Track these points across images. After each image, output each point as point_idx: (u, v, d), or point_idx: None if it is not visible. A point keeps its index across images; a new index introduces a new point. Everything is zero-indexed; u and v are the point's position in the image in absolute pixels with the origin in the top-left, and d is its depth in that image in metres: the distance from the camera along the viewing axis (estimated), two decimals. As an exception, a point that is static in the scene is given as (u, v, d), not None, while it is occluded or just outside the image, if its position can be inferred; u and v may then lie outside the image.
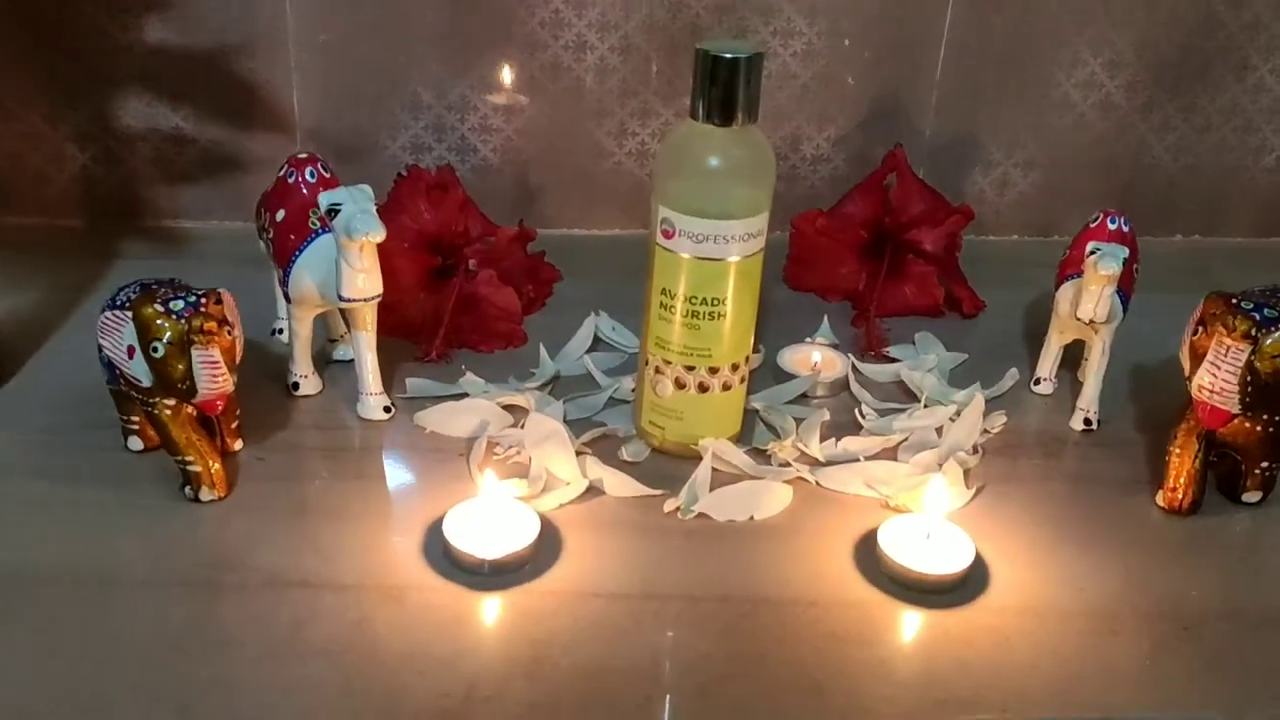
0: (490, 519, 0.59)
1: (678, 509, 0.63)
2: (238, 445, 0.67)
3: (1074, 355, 0.78)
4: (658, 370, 0.66)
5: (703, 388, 0.66)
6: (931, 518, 0.62)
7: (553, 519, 0.62)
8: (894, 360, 0.81)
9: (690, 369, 0.65)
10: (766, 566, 0.60)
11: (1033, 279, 0.89)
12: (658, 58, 0.93)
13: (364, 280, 0.66)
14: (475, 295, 0.80)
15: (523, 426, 0.67)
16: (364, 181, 0.65)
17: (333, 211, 0.64)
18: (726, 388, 0.67)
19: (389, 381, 0.73)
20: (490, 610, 0.56)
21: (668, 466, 0.67)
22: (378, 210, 0.64)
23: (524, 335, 0.81)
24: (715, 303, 0.63)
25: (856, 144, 0.98)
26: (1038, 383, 0.79)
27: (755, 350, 0.73)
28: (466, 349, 0.79)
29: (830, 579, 0.59)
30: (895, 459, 0.69)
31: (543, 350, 0.77)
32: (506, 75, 0.92)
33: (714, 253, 0.62)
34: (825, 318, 0.85)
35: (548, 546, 0.60)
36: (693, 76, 0.61)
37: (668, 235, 0.63)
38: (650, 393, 0.67)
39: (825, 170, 0.99)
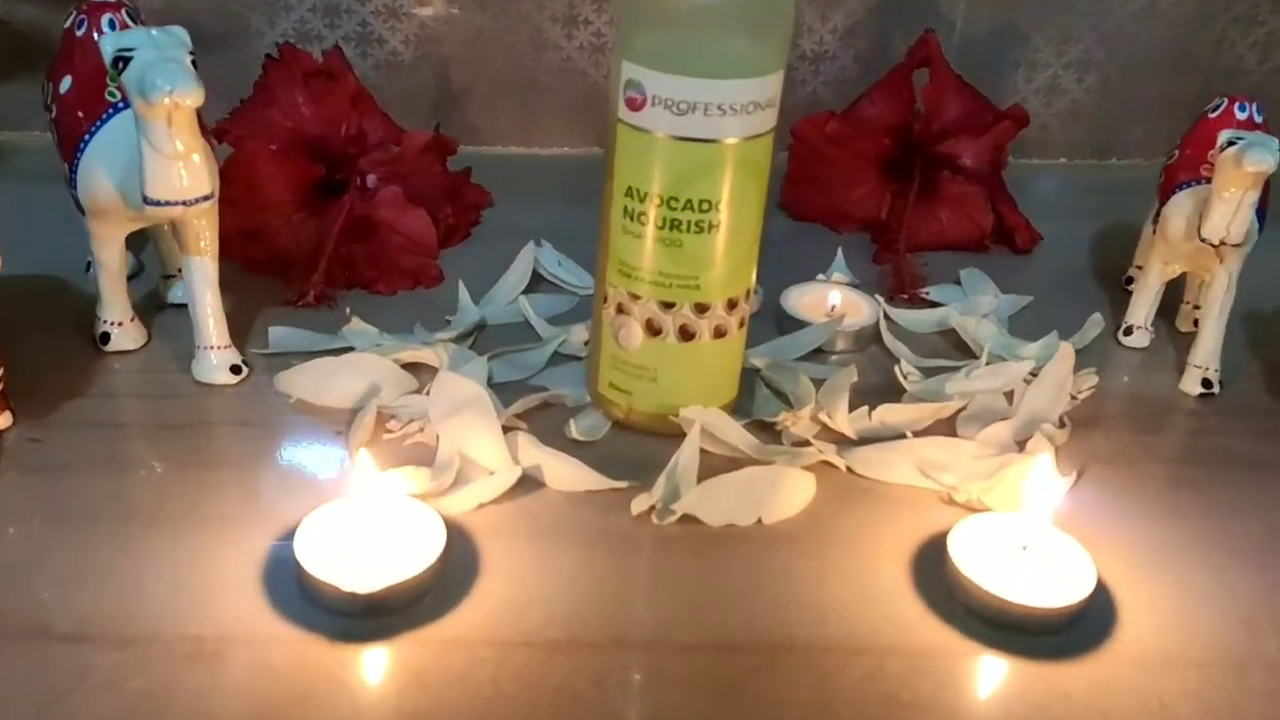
0: (370, 530, 0.45)
1: (652, 509, 0.51)
2: (3, 422, 0.52)
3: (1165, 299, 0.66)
4: (621, 309, 0.52)
5: (686, 334, 0.52)
6: (1033, 520, 0.46)
7: (467, 526, 0.49)
8: (936, 304, 0.67)
9: (668, 306, 0.51)
10: (786, 595, 0.47)
11: (1089, 209, 0.80)
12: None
13: (182, 173, 0.48)
14: (372, 218, 0.67)
15: (429, 393, 0.54)
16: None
17: (121, 61, 0.46)
18: (720, 334, 0.52)
19: (246, 332, 0.60)
20: (369, 671, 0.43)
21: (636, 447, 0.55)
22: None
23: (439, 272, 0.67)
24: (705, 207, 0.49)
25: (868, 38, 0.85)
26: (1129, 332, 0.65)
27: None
28: (359, 289, 0.66)
29: (882, 613, 0.46)
30: (954, 434, 0.56)
31: (463, 290, 0.65)
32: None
33: (703, 130, 0.48)
34: (839, 251, 0.71)
35: (458, 570, 0.47)
36: None
37: (635, 105, 0.48)
38: (611, 343, 0.54)
39: (830, 71, 0.86)
